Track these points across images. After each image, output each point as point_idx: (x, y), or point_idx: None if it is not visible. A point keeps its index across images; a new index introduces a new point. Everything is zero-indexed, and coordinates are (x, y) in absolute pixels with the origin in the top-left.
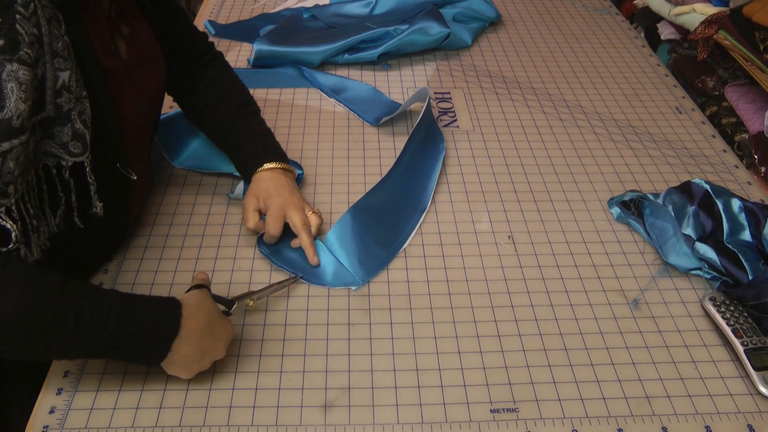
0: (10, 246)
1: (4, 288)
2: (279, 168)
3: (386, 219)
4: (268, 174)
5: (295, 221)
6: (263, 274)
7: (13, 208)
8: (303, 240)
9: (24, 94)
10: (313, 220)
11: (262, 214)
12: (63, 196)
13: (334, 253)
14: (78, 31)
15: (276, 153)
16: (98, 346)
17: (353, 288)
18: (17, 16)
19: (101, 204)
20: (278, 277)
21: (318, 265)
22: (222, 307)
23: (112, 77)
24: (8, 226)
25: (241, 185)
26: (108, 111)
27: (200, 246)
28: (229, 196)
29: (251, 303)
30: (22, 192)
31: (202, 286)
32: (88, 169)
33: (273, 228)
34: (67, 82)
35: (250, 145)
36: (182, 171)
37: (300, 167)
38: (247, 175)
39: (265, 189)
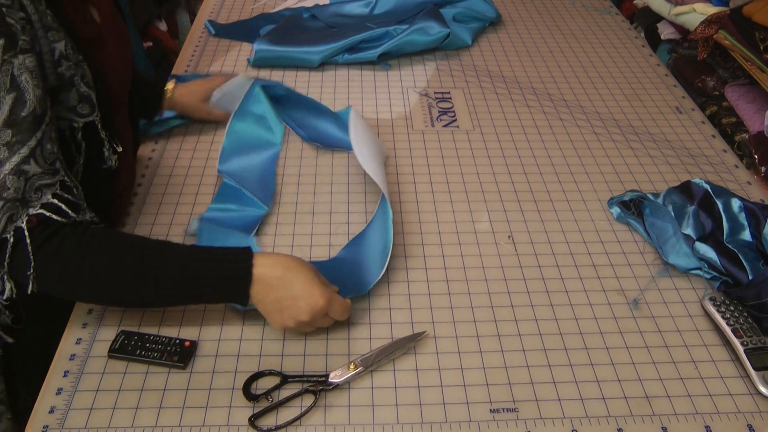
0: (85, 216)
1: (95, 250)
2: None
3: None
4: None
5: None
6: None
7: (66, 179)
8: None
9: (35, 81)
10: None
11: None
12: (77, 156)
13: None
14: (56, 4)
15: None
16: (181, 297)
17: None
18: (3, 9)
19: (115, 157)
20: None
21: None
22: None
23: (95, 44)
24: (75, 190)
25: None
26: (96, 76)
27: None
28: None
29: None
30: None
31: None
32: (99, 126)
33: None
34: (63, 51)
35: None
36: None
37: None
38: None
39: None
